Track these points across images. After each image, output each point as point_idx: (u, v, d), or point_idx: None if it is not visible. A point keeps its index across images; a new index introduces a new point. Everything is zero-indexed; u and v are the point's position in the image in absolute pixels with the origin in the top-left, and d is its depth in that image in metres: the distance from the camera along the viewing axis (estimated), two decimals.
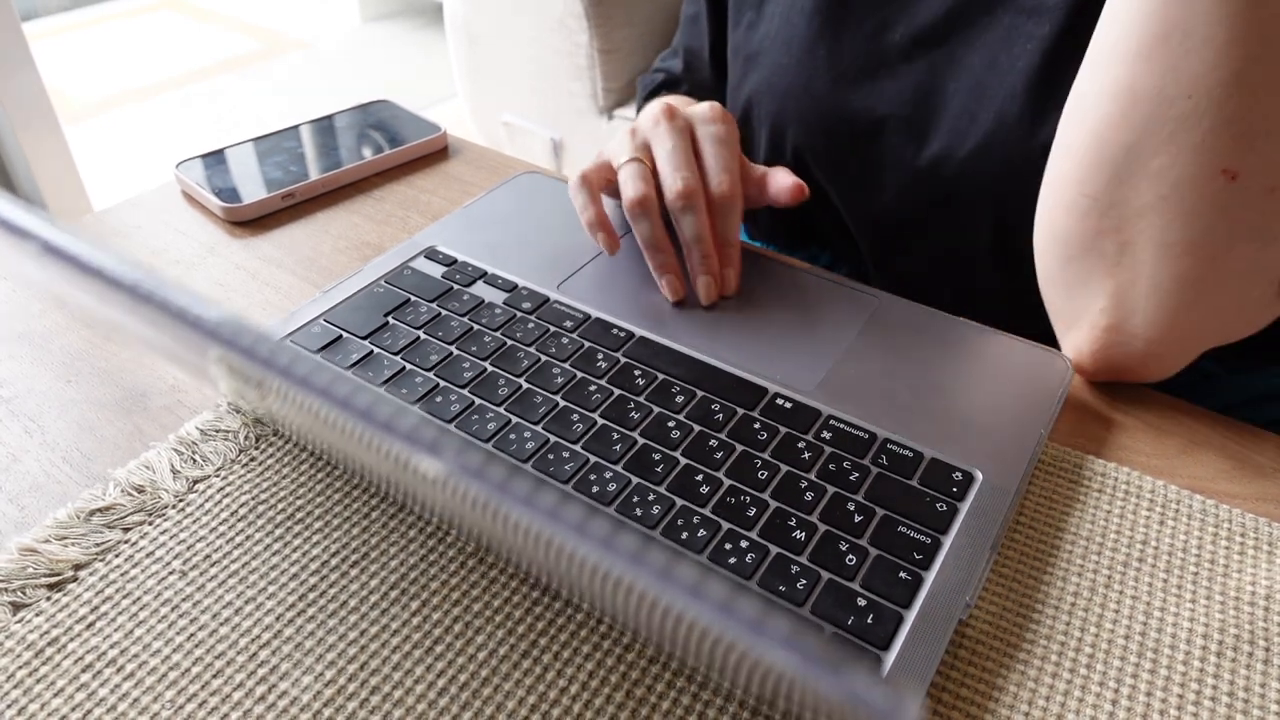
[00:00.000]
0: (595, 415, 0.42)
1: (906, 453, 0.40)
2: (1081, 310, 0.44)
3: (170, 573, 0.36)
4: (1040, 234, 0.45)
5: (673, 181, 0.48)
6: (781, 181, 0.52)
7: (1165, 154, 0.38)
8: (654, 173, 0.50)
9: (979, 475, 0.39)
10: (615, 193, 0.52)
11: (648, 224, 0.49)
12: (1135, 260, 0.41)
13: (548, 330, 0.47)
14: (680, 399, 0.43)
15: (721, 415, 0.42)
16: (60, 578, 0.35)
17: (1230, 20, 0.35)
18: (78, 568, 0.36)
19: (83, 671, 0.32)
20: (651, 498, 0.38)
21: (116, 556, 0.36)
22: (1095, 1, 0.42)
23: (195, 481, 0.39)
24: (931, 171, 0.55)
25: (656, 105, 0.51)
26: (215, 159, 0.62)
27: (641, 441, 0.40)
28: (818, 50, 0.58)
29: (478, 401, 0.42)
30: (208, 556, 0.36)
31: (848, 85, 0.57)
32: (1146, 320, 0.42)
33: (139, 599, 0.35)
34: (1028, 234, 0.47)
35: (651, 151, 0.51)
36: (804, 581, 0.35)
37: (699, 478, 0.39)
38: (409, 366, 0.44)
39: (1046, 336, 0.61)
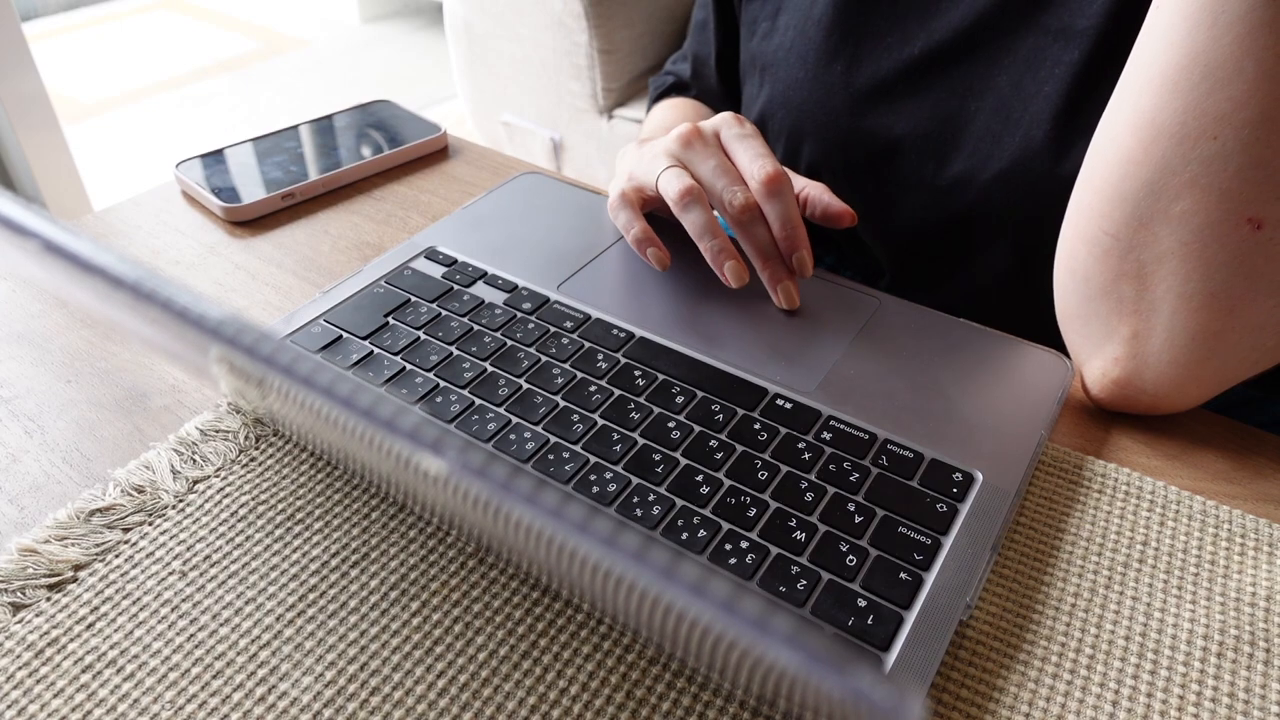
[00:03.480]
0: (595, 416, 0.42)
1: (907, 453, 0.40)
2: (1095, 352, 0.43)
3: (170, 573, 0.36)
4: (1060, 268, 0.44)
5: (730, 197, 0.47)
6: (833, 206, 0.49)
7: (1188, 198, 0.37)
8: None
9: (979, 476, 0.39)
10: (653, 211, 0.52)
11: (699, 211, 0.47)
12: (1153, 310, 0.40)
13: (548, 331, 0.47)
14: (680, 399, 0.43)
15: (722, 416, 0.42)
16: (60, 578, 0.35)
17: (1261, 54, 0.33)
18: (77, 568, 0.36)
19: (82, 672, 0.32)
20: (652, 498, 0.38)
21: (116, 557, 0.36)
22: (1127, 29, 0.40)
23: (195, 482, 0.39)
24: (951, 192, 0.54)
25: (682, 127, 0.50)
26: (215, 159, 0.62)
27: (642, 442, 0.40)
28: (835, 65, 0.57)
29: (478, 402, 0.42)
30: (207, 557, 0.36)
31: (865, 102, 0.56)
32: (1158, 375, 0.41)
33: (139, 599, 0.35)
34: (1047, 262, 0.46)
35: (691, 168, 0.49)
36: (804, 582, 0.35)
37: (699, 478, 0.39)
38: (409, 367, 0.44)
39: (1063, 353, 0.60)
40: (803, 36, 0.58)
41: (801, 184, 0.51)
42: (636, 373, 0.44)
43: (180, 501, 0.38)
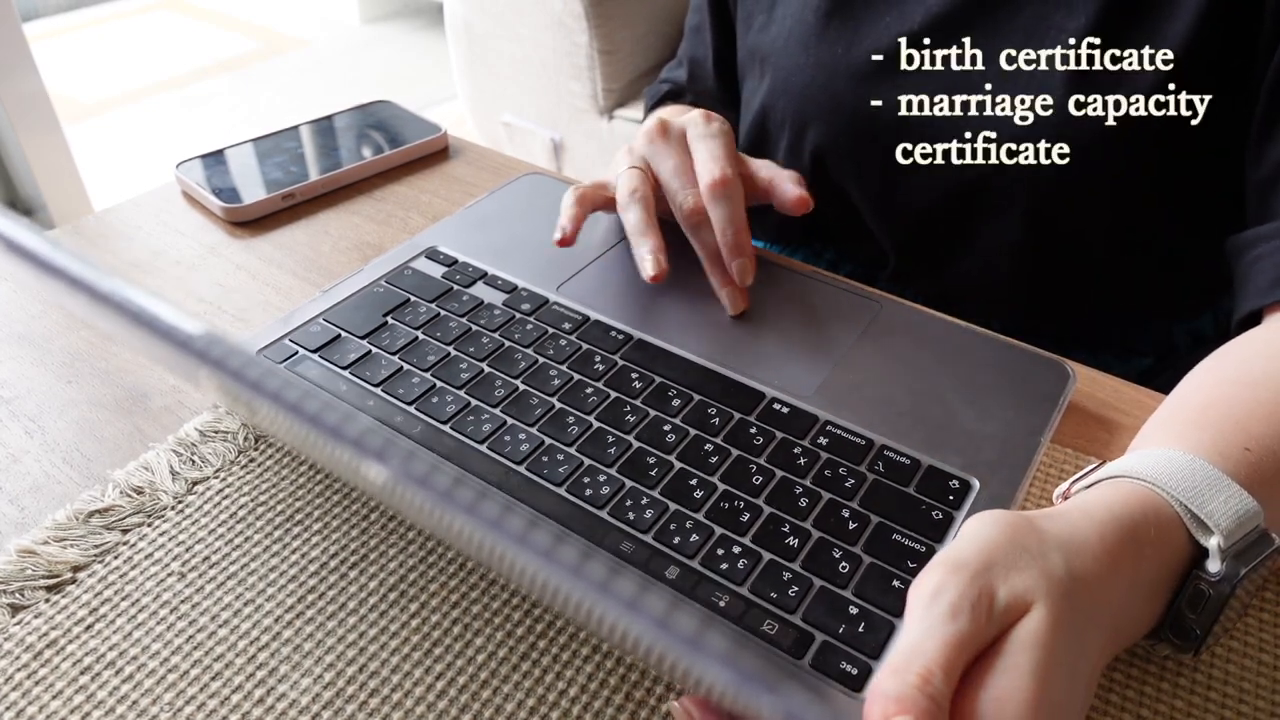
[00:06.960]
0: (591, 418, 0.42)
1: (903, 460, 0.40)
2: None
3: (169, 574, 0.36)
4: None
5: (682, 200, 0.48)
6: (789, 193, 0.50)
7: None
8: (656, 185, 0.50)
9: (975, 484, 0.39)
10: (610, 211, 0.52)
11: (634, 211, 0.48)
12: None
13: (546, 332, 0.47)
14: (677, 402, 0.43)
15: (718, 420, 0.42)
16: (59, 579, 0.35)
17: None
18: (76, 570, 0.36)
19: (81, 674, 0.33)
20: (645, 501, 0.38)
21: (115, 558, 0.36)
22: None
23: (194, 483, 0.39)
24: (962, 164, 0.55)
25: (650, 122, 0.51)
26: (215, 159, 0.62)
27: (636, 445, 0.40)
28: (835, 47, 0.57)
29: (474, 403, 0.42)
30: (206, 558, 0.36)
31: (868, 80, 0.56)
32: None
33: (137, 601, 0.35)
34: (1060, 223, 0.46)
35: (652, 167, 0.50)
36: (796, 588, 0.35)
37: (693, 482, 0.39)
38: (406, 366, 0.44)
39: (1067, 337, 0.59)
40: (800, 23, 0.59)
41: (770, 172, 0.51)
42: (634, 375, 0.44)
43: (179, 503, 0.39)
